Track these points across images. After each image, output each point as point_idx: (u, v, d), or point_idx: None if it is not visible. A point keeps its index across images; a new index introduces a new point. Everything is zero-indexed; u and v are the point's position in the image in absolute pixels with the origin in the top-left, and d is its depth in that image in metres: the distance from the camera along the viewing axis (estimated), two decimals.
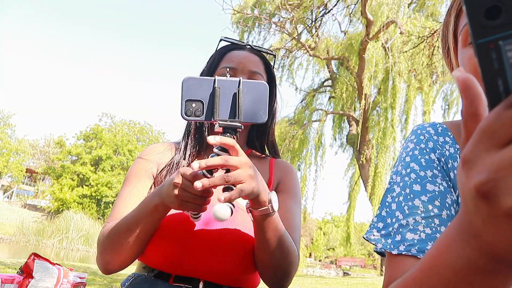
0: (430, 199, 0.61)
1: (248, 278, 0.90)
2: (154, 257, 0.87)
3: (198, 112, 0.69)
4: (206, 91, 0.70)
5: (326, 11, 5.91)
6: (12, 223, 21.82)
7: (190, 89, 0.70)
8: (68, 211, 22.56)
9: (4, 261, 6.73)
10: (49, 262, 2.88)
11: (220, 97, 0.70)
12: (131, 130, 31.73)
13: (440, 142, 0.67)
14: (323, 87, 13.81)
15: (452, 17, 0.70)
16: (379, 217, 0.64)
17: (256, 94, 0.72)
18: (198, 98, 0.70)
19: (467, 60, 0.65)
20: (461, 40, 0.67)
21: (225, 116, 0.70)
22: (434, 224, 0.59)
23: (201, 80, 0.71)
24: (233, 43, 1.05)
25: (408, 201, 0.61)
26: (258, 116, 0.72)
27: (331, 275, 21.64)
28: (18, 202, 28.94)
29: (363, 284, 9.04)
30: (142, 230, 0.83)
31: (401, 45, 9.60)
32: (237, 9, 10.32)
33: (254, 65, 1.00)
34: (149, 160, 1.00)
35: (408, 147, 0.69)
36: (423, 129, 0.70)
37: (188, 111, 0.70)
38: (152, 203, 0.80)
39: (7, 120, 31.06)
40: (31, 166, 34.50)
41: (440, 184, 0.63)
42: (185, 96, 0.70)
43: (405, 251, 0.56)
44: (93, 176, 26.61)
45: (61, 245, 18.99)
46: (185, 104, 0.69)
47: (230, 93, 0.70)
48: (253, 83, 0.73)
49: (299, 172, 12.69)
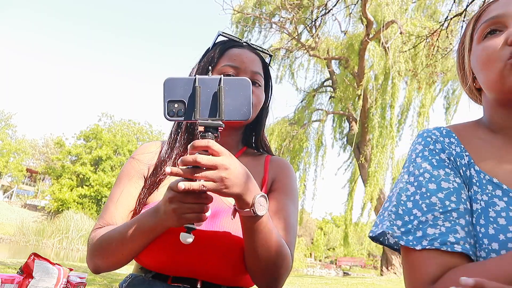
0: (446, 196, 0.64)
1: (246, 277, 0.89)
2: (150, 260, 0.86)
3: (180, 112, 0.69)
4: (187, 91, 0.69)
5: (326, 11, 5.90)
6: (12, 223, 21.81)
7: (172, 90, 0.70)
8: (68, 211, 22.56)
9: (4, 261, 6.73)
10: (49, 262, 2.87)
11: (201, 96, 0.69)
12: (131, 130, 31.72)
13: (446, 143, 0.71)
14: (323, 87, 13.81)
15: (471, 24, 0.76)
16: (397, 216, 0.66)
17: (238, 91, 0.70)
18: (179, 98, 0.69)
19: (481, 51, 0.70)
20: (476, 38, 0.73)
21: (206, 115, 0.69)
22: (453, 217, 0.62)
23: (182, 80, 0.70)
24: (231, 40, 1.03)
25: (425, 199, 0.64)
26: (241, 113, 0.70)
27: (331, 275, 21.65)
28: (18, 202, 28.93)
29: (363, 284, 9.04)
30: (137, 245, 0.83)
31: (401, 45, 9.60)
32: (237, 9, 10.32)
33: (255, 65, 0.99)
34: (141, 161, 0.99)
35: (416, 149, 0.72)
36: (429, 132, 0.74)
37: (170, 111, 0.69)
38: (148, 225, 0.80)
39: (7, 120, 31.05)
40: (31, 166, 34.50)
41: (453, 181, 0.66)
42: (167, 97, 0.69)
43: (429, 245, 0.60)
44: (93, 176, 26.61)
45: (61, 245, 19.00)
46: (167, 104, 0.69)
47: (212, 91, 0.70)
48: (234, 80, 0.72)
49: (299, 172, 12.69)
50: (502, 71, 0.66)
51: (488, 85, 0.70)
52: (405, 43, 9.36)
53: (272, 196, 0.96)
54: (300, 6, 9.20)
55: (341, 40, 12.28)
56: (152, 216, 0.79)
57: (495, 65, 0.67)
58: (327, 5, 5.90)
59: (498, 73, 0.66)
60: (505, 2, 0.71)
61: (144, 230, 0.80)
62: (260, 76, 1.00)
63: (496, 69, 0.67)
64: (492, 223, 0.61)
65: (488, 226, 0.61)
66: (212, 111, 0.69)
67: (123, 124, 31.67)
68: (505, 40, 0.67)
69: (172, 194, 0.72)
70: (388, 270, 12.55)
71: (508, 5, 0.70)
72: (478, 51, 0.71)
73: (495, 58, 0.67)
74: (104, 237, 0.86)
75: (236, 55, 0.98)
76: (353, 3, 8.68)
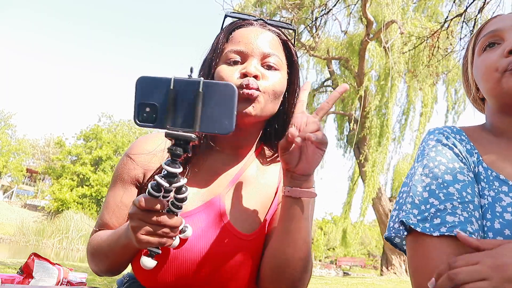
0: (463, 187, 0.66)
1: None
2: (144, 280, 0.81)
3: (151, 117, 0.59)
4: (162, 94, 0.59)
5: (327, 11, 5.90)
6: (12, 223, 21.79)
7: (145, 91, 0.59)
8: (68, 211, 22.54)
9: (4, 261, 6.72)
10: (49, 262, 2.88)
11: (176, 101, 0.58)
12: (131, 130, 31.71)
13: (457, 139, 0.75)
14: (323, 87, 13.80)
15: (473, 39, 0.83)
16: (413, 205, 0.68)
17: (221, 98, 0.58)
18: (151, 101, 0.59)
19: (481, 62, 0.78)
20: (477, 51, 0.81)
21: (178, 124, 0.58)
22: (470, 208, 0.64)
23: (157, 80, 0.59)
24: (240, 19, 0.87)
25: (443, 189, 0.66)
26: (220, 126, 0.58)
27: (331, 275, 21.61)
28: (18, 202, 28.90)
29: (363, 284, 9.03)
30: (120, 258, 0.79)
31: (401, 45, 9.60)
32: (238, 9, 10.32)
33: (268, 45, 0.82)
34: (136, 163, 0.87)
35: (429, 144, 0.75)
36: (441, 129, 0.78)
37: (141, 115, 0.59)
38: (122, 241, 0.74)
39: (7, 120, 31.04)
40: (31, 166, 34.49)
41: (467, 175, 0.69)
42: (138, 99, 0.59)
43: (448, 231, 0.61)
44: (93, 177, 26.60)
45: (61, 245, 18.98)
46: (138, 107, 0.59)
47: (189, 96, 0.58)
48: (217, 84, 0.59)
49: None
50: (500, 79, 0.73)
51: (488, 92, 0.77)
52: (405, 43, 9.36)
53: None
54: (301, 6, 9.20)
55: (341, 40, 12.27)
56: (124, 232, 0.72)
57: (493, 75, 0.74)
58: (327, 5, 5.90)
59: (496, 81, 0.73)
60: (502, 18, 0.80)
61: (122, 245, 0.75)
62: (277, 57, 0.82)
63: (494, 78, 0.74)
64: (498, 218, 0.63)
65: (494, 220, 0.63)
66: (187, 120, 0.58)
67: (123, 124, 31.67)
68: (501, 52, 0.74)
69: (133, 210, 0.64)
70: (388, 270, 12.54)
71: (504, 20, 0.78)
72: (479, 63, 0.79)
73: (493, 69, 0.74)
74: (95, 244, 0.83)
75: (242, 36, 0.82)
76: (353, 3, 8.68)
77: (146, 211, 0.63)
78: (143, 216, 0.63)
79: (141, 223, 0.64)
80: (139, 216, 0.63)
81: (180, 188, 0.65)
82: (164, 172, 0.63)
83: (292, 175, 0.72)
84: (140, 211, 0.63)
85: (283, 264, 0.74)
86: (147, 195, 0.63)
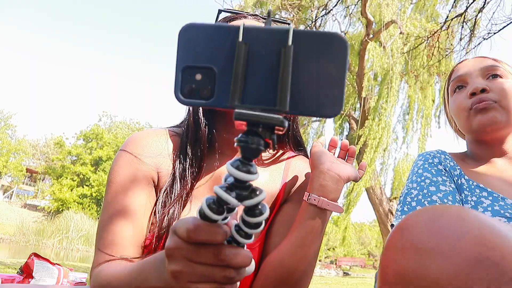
0: (444, 195, 0.80)
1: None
2: None
3: (204, 90, 0.34)
4: (224, 51, 0.35)
5: (327, 12, 5.91)
6: (12, 223, 21.80)
7: (193, 48, 0.35)
8: (68, 211, 22.57)
9: (4, 261, 6.73)
10: (49, 262, 2.88)
11: (249, 62, 0.34)
12: (131, 130, 31.72)
13: (442, 158, 0.91)
14: None
15: (447, 81, 1.00)
16: (402, 212, 0.83)
17: (324, 59, 0.34)
18: (205, 64, 0.35)
19: (452, 103, 0.96)
20: (450, 92, 0.98)
21: (255, 101, 0.34)
22: None
23: (215, 30, 0.35)
24: (234, 13, 0.83)
25: (427, 198, 0.81)
26: (324, 104, 0.34)
27: (331, 275, 21.62)
28: (18, 202, 28.91)
29: (363, 284, 9.03)
30: None
31: (401, 45, 9.60)
32: (237, 9, 10.32)
33: None
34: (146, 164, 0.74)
35: (418, 164, 0.92)
36: (428, 152, 0.94)
37: (188, 87, 0.35)
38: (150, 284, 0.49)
39: (7, 120, 31.06)
40: (31, 166, 34.49)
41: (449, 186, 0.83)
42: (183, 60, 0.36)
43: None
44: (94, 177, 26.62)
45: (61, 245, 18.99)
46: (183, 73, 0.35)
47: (270, 56, 0.34)
48: (318, 35, 0.34)
49: None
50: (468, 117, 0.89)
51: (461, 128, 0.94)
52: (405, 44, 9.37)
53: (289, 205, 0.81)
54: (300, 6, 9.21)
55: None
56: (157, 273, 0.48)
57: (463, 113, 0.91)
58: (327, 6, 5.91)
59: (466, 119, 0.90)
60: (466, 63, 0.96)
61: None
62: None
63: (464, 117, 0.90)
64: None
65: None
66: (267, 95, 0.34)
67: (123, 124, 31.69)
68: (466, 94, 0.90)
69: (174, 243, 0.39)
70: None
71: (467, 66, 0.94)
72: (451, 103, 0.96)
73: (462, 108, 0.91)
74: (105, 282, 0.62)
75: None
76: (353, 3, 8.69)
77: (197, 245, 0.38)
78: (193, 254, 0.38)
79: (190, 265, 0.38)
80: (186, 253, 0.38)
81: (256, 206, 0.38)
82: (230, 181, 0.36)
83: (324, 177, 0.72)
84: (187, 246, 0.38)
85: (286, 274, 0.70)
86: (198, 218, 0.37)
